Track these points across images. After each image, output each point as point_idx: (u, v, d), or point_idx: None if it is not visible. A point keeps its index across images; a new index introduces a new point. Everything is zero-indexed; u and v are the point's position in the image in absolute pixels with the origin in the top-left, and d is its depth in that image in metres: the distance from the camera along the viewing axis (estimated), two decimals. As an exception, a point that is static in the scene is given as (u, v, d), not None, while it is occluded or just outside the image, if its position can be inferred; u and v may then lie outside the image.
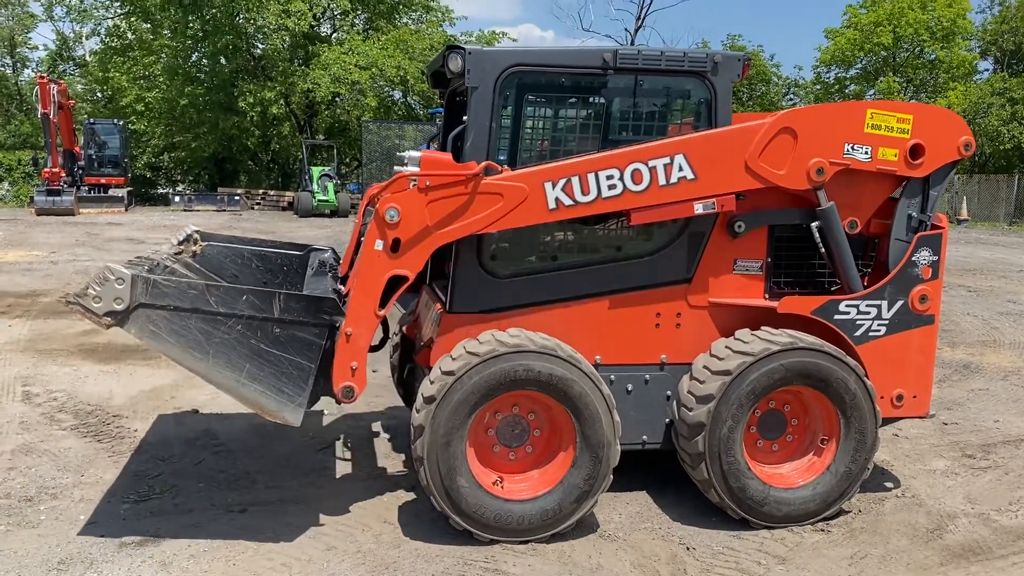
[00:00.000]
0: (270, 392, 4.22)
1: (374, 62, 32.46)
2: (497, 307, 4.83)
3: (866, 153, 4.84)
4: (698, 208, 4.72)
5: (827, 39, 44.90)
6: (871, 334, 4.99)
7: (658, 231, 4.94)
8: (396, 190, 4.54)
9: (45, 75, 28.40)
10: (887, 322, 4.99)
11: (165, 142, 37.77)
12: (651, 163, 4.64)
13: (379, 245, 4.46)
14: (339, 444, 6.20)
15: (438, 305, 5.03)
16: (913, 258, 4.97)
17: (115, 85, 36.65)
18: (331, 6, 35.94)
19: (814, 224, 4.93)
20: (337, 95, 33.98)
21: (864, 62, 42.72)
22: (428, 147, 7.03)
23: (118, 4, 37.13)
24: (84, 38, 44.88)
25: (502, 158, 4.87)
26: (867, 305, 4.96)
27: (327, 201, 29.32)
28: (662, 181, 4.66)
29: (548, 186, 4.57)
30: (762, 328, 4.89)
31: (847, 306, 4.95)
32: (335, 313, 4.39)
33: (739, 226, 4.89)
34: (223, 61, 35.39)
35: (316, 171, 30.28)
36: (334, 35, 37.28)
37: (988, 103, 36.31)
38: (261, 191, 34.20)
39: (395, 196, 4.48)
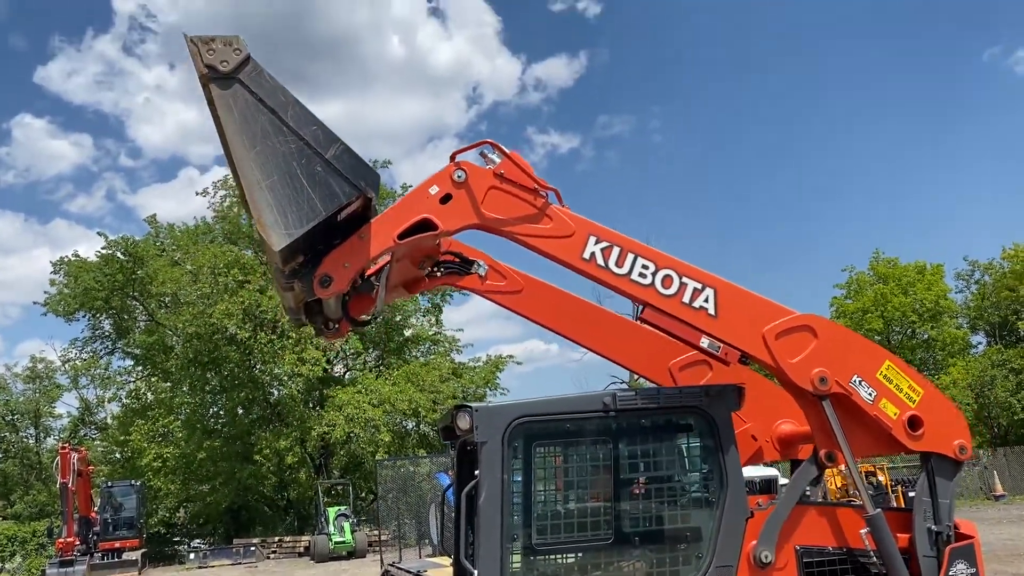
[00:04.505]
0: (276, 209, 4.36)
1: (386, 399, 33.37)
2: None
3: (870, 394, 4.86)
4: (704, 342, 4.85)
5: (819, 330, 46.50)
6: (930, 664, 4.65)
7: (684, 568, 4.81)
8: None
9: (67, 444, 29.07)
10: (944, 648, 4.67)
11: (181, 497, 37.66)
12: (684, 279, 4.81)
13: (434, 190, 4.70)
14: None
15: None
16: (951, 574, 4.77)
17: (134, 447, 37.38)
18: (344, 348, 37.72)
19: (862, 531, 4.81)
20: (352, 433, 34.52)
21: (860, 348, 43.88)
22: (445, 475, 7.05)
23: (140, 368, 39.05)
24: (107, 402, 46.59)
25: (516, 518, 4.86)
26: (919, 632, 4.68)
27: (344, 543, 28.58)
28: (685, 299, 4.81)
29: (592, 239, 4.78)
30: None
31: (898, 634, 4.67)
32: (371, 187, 4.48)
33: (765, 556, 4.77)
34: (240, 412, 36.42)
35: (332, 512, 29.86)
36: (347, 374, 38.72)
37: (991, 375, 36.79)
38: (277, 538, 33.48)
39: (469, 164, 4.73)
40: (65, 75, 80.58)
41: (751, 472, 15.25)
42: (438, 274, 5.54)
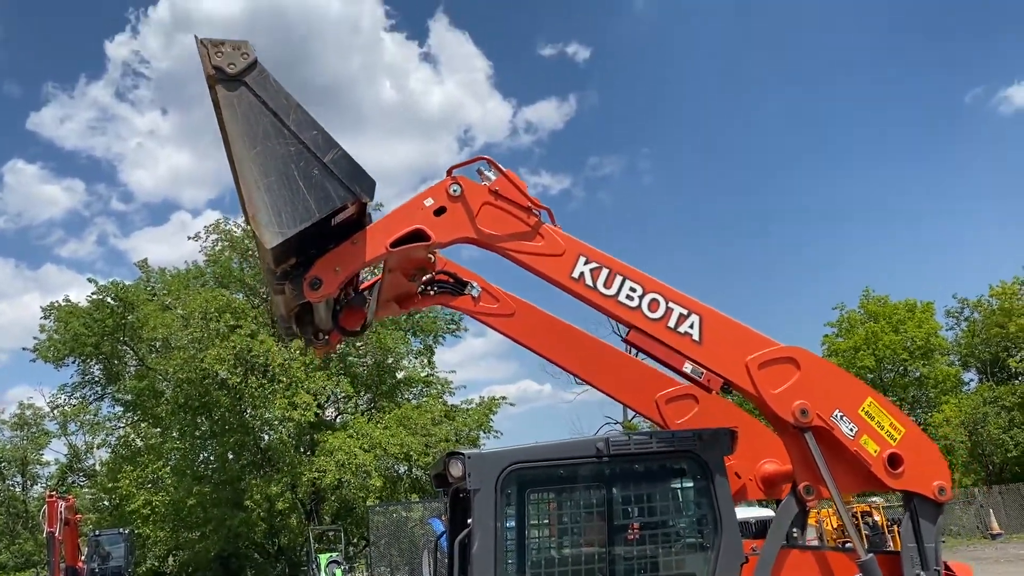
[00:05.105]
0: (271, 208, 4.44)
1: (378, 443, 33.03)
2: None
3: (851, 430, 4.87)
4: (687, 367, 4.89)
5: (811, 369, 46.44)
6: None
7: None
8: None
9: (54, 493, 28.66)
10: None
11: (170, 544, 37.05)
12: (671, 304, 4.83)
13: (429, 202, 4.77)
14: None
15: None
16: (946, 618, 4.76)
17: (123, 493, 36.87)
18: (335, 391, 37.45)
19: None
20: (343, 479, 34.11)
21: (852, 386, 43.77)
22: (439, 520, 6.98)
23: (130, 414, 38.68)
24: (95, 448, 46.00)
25: (511, 565, 4.84)
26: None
27: (336, 589, 28.12)
28: (671, 324, 4.83)
29: (582, 259, 4.81)
30: None
31: None
32: (366, 192, 4.55)
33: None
34: (231, 458, 36.02)
35: (323, 558, 29.39)
36: (339, 418, 38.40)
37: (983, 412, 36.75)
38: (268, 586, 32.91)
39: (465, 179, 4.80)
40: (58, 121, 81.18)
41: (747, 514, 15.11)
42: (431, 293, 5.60)
